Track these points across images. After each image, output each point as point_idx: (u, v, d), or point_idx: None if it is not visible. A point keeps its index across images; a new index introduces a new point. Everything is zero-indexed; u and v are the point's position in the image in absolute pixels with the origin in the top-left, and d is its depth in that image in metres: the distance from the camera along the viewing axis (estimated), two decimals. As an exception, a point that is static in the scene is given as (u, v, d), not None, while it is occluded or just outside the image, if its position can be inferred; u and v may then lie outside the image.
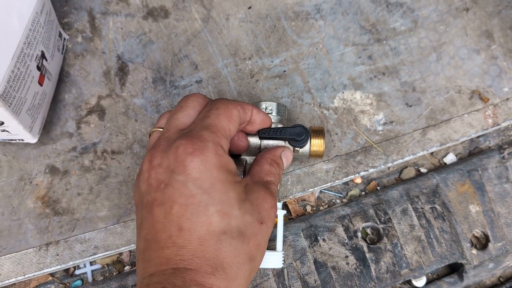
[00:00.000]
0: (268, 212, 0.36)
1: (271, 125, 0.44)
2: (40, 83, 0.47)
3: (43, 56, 0.47)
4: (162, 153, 0.34)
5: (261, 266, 0.39)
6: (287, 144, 0.45)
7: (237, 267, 0.33)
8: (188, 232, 0.31)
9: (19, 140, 0.47)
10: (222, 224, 0.32)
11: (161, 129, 0.39)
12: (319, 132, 0.46)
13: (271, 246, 0.48)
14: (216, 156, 0.33)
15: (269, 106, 0.46)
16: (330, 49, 0.54)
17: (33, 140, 0.47)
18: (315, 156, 0.46)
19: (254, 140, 0.45)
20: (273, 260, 0.43)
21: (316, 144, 0.45)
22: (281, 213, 0.45)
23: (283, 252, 0.44)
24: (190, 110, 0.38)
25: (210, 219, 0.32)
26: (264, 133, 0.43)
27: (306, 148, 0.46)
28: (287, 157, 0.43)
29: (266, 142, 0.45)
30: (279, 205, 0.44)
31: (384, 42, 0.54)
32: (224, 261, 0.32)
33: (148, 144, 0.40)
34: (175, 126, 0.37)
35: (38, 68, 0.46)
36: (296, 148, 0.45)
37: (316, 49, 0.54)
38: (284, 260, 0.48)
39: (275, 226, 0.47)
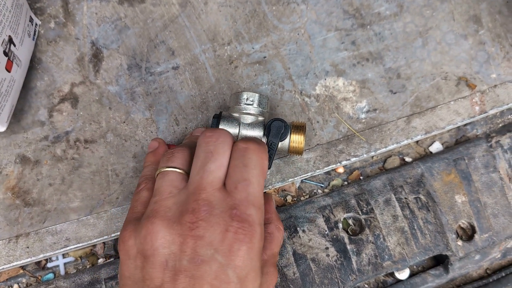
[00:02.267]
0: None
1: None
2: (8, 69, 0.45)
3: (10, 41, 0.45)
4: (205, 223, 0.32)
5: None
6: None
7: None
8: None
9: (-14, 128, 0.45)
10: None
11: (180, 170, 0.37)
12: (300, 128, 0.44)
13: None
14: (260, 241, 0.33)
15: (251, 97, 0.44)
16: (312, 34, 0.52)
17: (1, 128, 0.46)
18: (294, 152, 0.45)
19: (232, 132, 0.44)
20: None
21: (295, 140, 0.44)
22: None
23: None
24: (223, 159, 0.35)
25: None
26: None
27: (285, 143, 0.44)
28: (274, 202, 0.44)
29: (244, 134, 0.44)
30: None
31: (368, 27, 0.52)
32: None
33: (159, 185, 0.36)
34: (210, 183, 0.34)
35: (5, 53, 0.44)
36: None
37: (298, 34, 0.52)
38: (262, 252, 0.47)
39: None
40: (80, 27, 0.52)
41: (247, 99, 0.44)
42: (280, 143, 0.44)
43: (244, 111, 0.44)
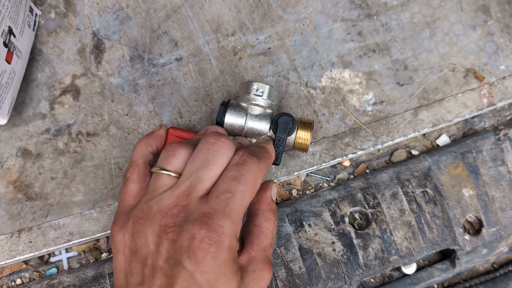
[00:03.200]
0: None
1: None
2: (8, 60, 0.44)
3: (10, 32, 0.44)
4: (178, 229, 0.33)
5: None
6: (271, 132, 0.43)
7: None
8: None
9: (-14, 121, 0.45)
10: None
11: (173, 174, 0.36)
12: (307, 125, 0.44)
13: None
14: (228, 252, 0.33)
15: (261, 88, 0.43)
16: (317, 25, 0.51)
17: (2, 121, 0.45)
18: (299, 149, 0.44)
19: (238, 122, 0.43)
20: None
21: (302, 136, 0.43)
22: None
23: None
24: (217, 170, 0.35)
25: None
26: None
27: (291, 138, 0.44)
28: (275, 193, 0.43)
29: (250, 126, 0.43)
30: None
31: (374, 17, 0.51)
32: None
33: (152, 185, 0.37)
34: (196, 191, 0.34)
35: (5, 44, 0.43)
36: None
37: (303, 25, 0.51)
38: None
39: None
40: (81, 17, 0.51)
41: (257, 89, 0.43)
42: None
43: (252, 102, 0.43)
